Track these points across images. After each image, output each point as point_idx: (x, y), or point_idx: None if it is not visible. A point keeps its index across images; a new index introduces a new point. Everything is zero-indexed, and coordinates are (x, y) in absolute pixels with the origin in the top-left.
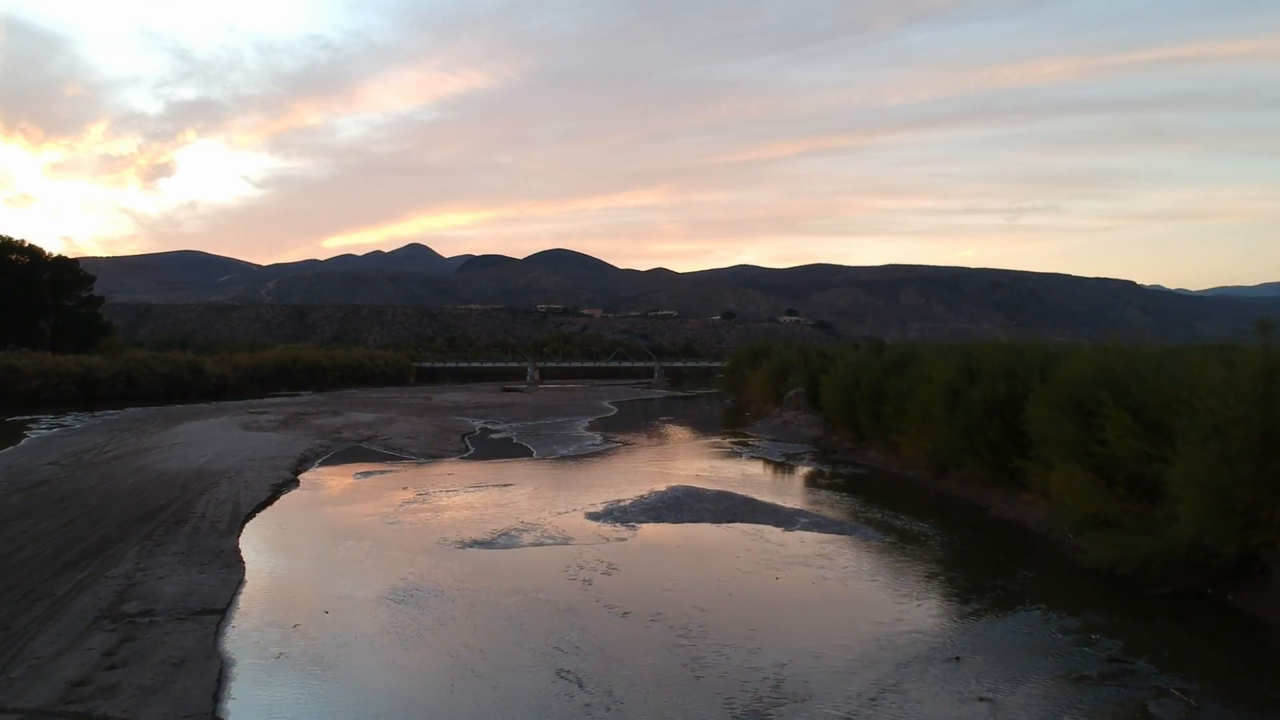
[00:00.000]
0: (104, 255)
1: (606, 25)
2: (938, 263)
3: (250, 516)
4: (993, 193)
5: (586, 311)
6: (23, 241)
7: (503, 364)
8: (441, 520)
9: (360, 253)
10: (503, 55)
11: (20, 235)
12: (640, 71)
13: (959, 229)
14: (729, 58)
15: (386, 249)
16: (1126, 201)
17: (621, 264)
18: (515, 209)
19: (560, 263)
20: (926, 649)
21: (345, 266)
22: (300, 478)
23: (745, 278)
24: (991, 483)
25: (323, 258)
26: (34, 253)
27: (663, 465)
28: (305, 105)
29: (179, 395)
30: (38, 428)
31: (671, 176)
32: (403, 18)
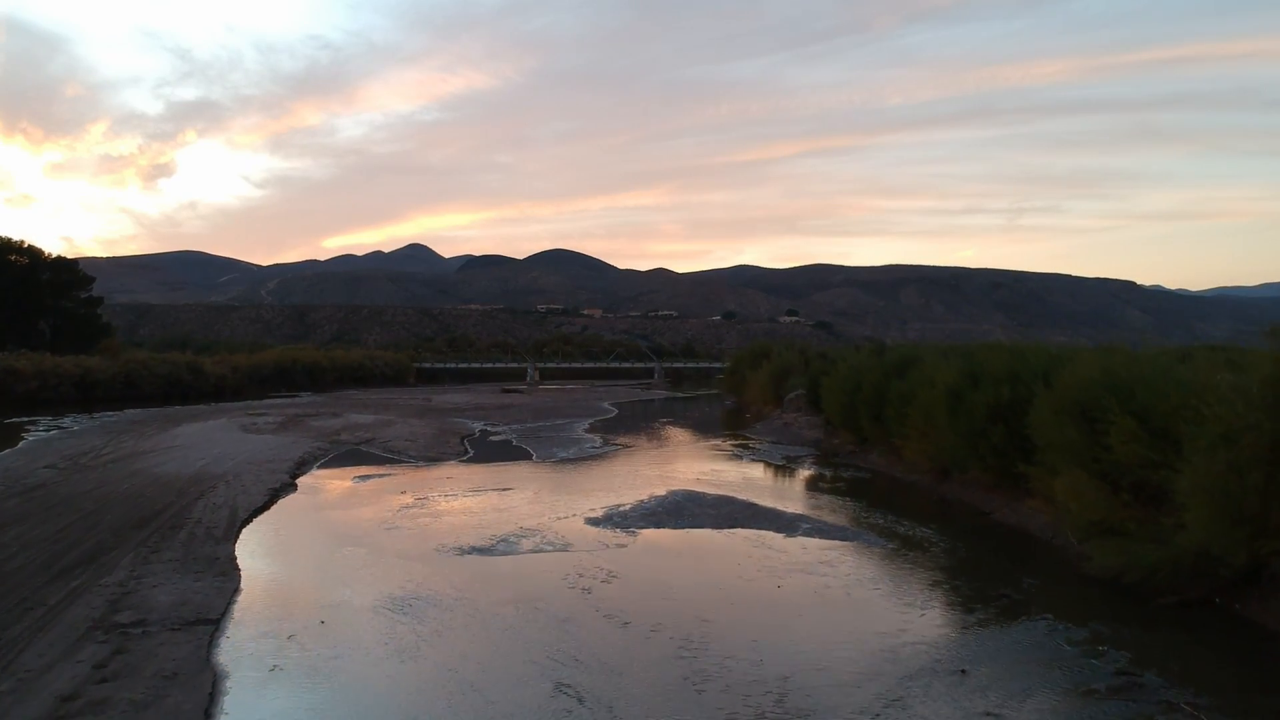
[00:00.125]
0: (104, 255)
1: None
2: (938, 263)
3: (247, 522)
4: (993, 193)
5: (587, 312)
6: (22, 242)
7: (503, 365)
8: (440, 526)
9: (360, 253)
10: (503, 55)
11: (20, 235)
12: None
13: (959, 229)
14: (729, 58)
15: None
16: (1126, 202)
17: (621, 264)
18: (515, 209)
19: (560, 263)
20: (932, 661)
21: (345, 267)
22: (298, 481)
23: (745, 278)
24: (995, 487)
25: (323, 258)
26: (33, 253)
27: (663, 468)
28: (305, 105)
29: (178, 396)
30: (36, 430)
31: (671, 176)
32: (403, 18)
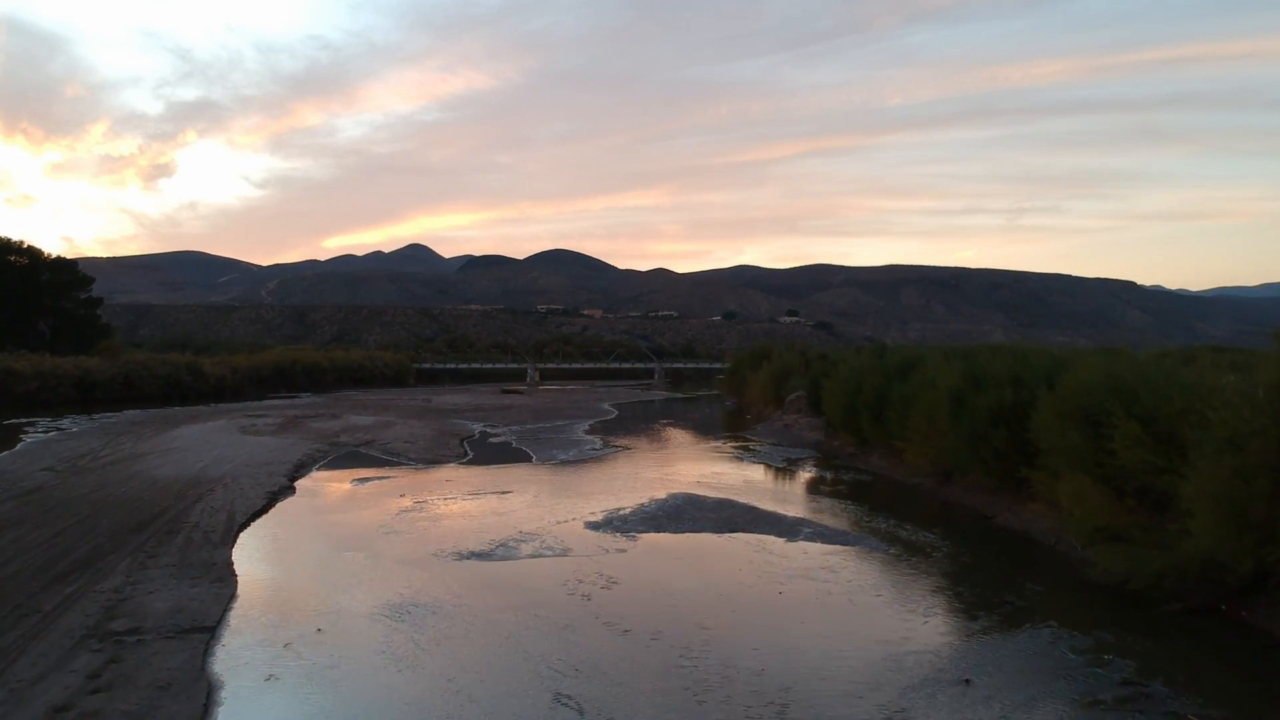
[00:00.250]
0: (104, 255)
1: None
2: (938, 263)
3: (245, 526)
4: (993, 193)
5: (587, 312)
6: (22, 243)
7: (503, 365)
8: (439, 530)
9: (360, 253)
10: (503, 56)
11: (21, 236)
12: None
13: (959, 229)
14: (729, 58)
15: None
16: (1127, 202)
17: (622, 264)
18: (515, 209)
19: (560, 263)
20: (935, 670)
21: (345, 267)
22: (297, 484)
23: (746, 278)
24: (997, 491)
25: (323, 258)
26: (33, 254)
27: (663, 470)
28: (306, 106)
29: (178, 397)
30: (34, 431)
31: (672, 177)
32: (403, 18)
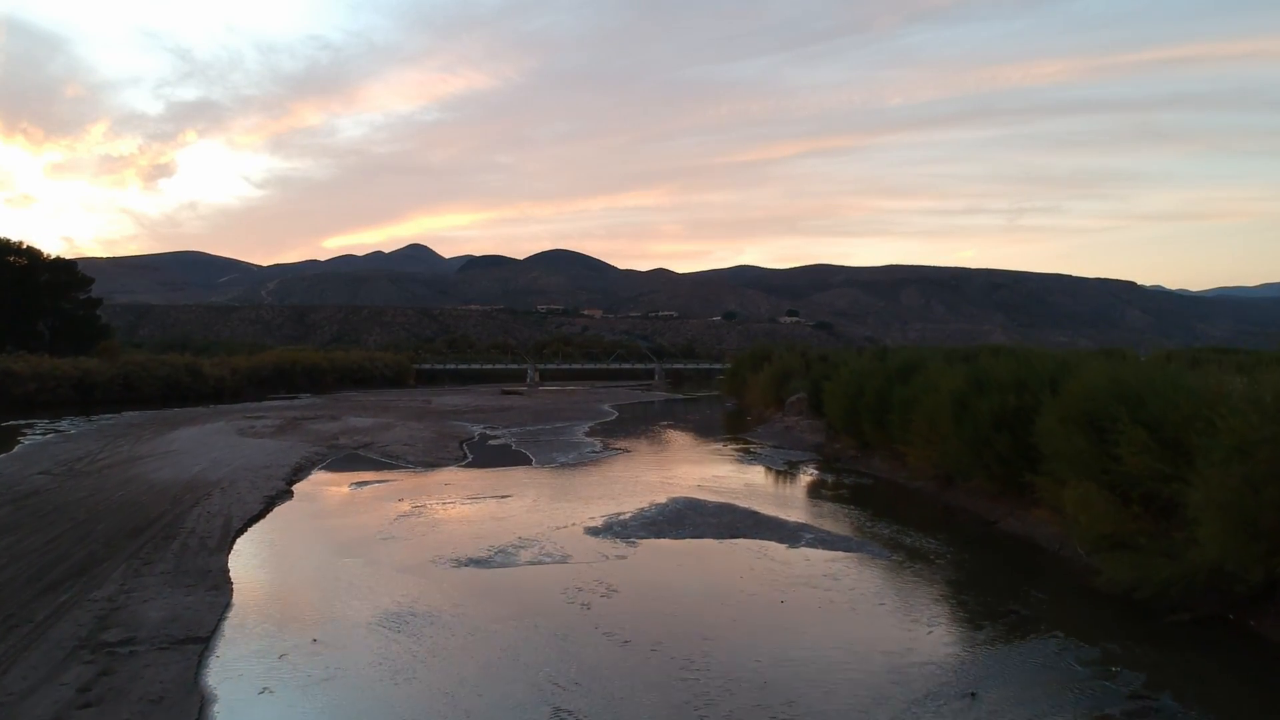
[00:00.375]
0: (104, 256)
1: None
2: (938, 263)
3: (241, 531)
4: (993, 193)
5: (587, 312)
6: (21, 243)
7: (503, 366)
8: (437, 536)
9: (361, 253)
10: (503, 56)
11: (21, 236)
12: (641, 72)
13: (960, 229)
14: (729, 58)
15: (387, 249)
16: (1127, 202)
17: (622, 264)
18: (516, 209)
19: (561, 263)
20: (940, 683)
21: (345, 267)
22: (294, 489)
23: (746, 278)
24: (1000, 495)
25: (323, 258)
26: (32, 254)
27: (664, 473)
28: (306, 106)
29: (177, 398)
30: (32, 433)
31: (672, 177)
32: (403, 18)
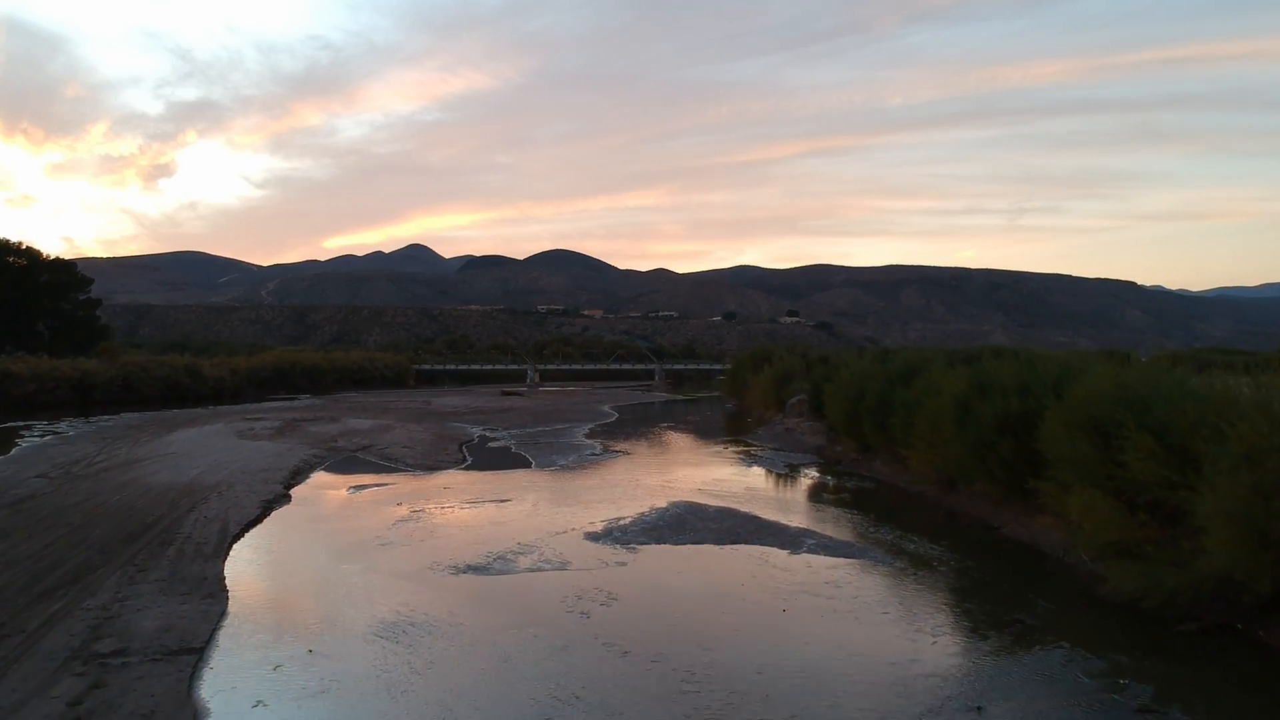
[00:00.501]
0: (105, 256)
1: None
2: (939, 263)
3: (238, 537)
4: (993, 193)
5: (587, 312)
6: (20, 244)
7: (503, 367)
8: (436, 541)
9: (361, 253)
10: (503, 56)
11: (21, 236)
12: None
13: (960, 229)
14: (729, 58)
15: (387, 249)
16: (1127, 202)
17: (622, 264)
18: (516, 209)
19: (561, 263)
20: (946, 696)
21: (346, 267)
22: (293, 492)
23: (746, 278)
24: (1003, 500)
25: (323, 258)
26: (31, 255)
27: (664, 477)
28: (306, 106)
29: (176, 399)
30: (30, 435)
31: (672, 177)
32: (403, 18)
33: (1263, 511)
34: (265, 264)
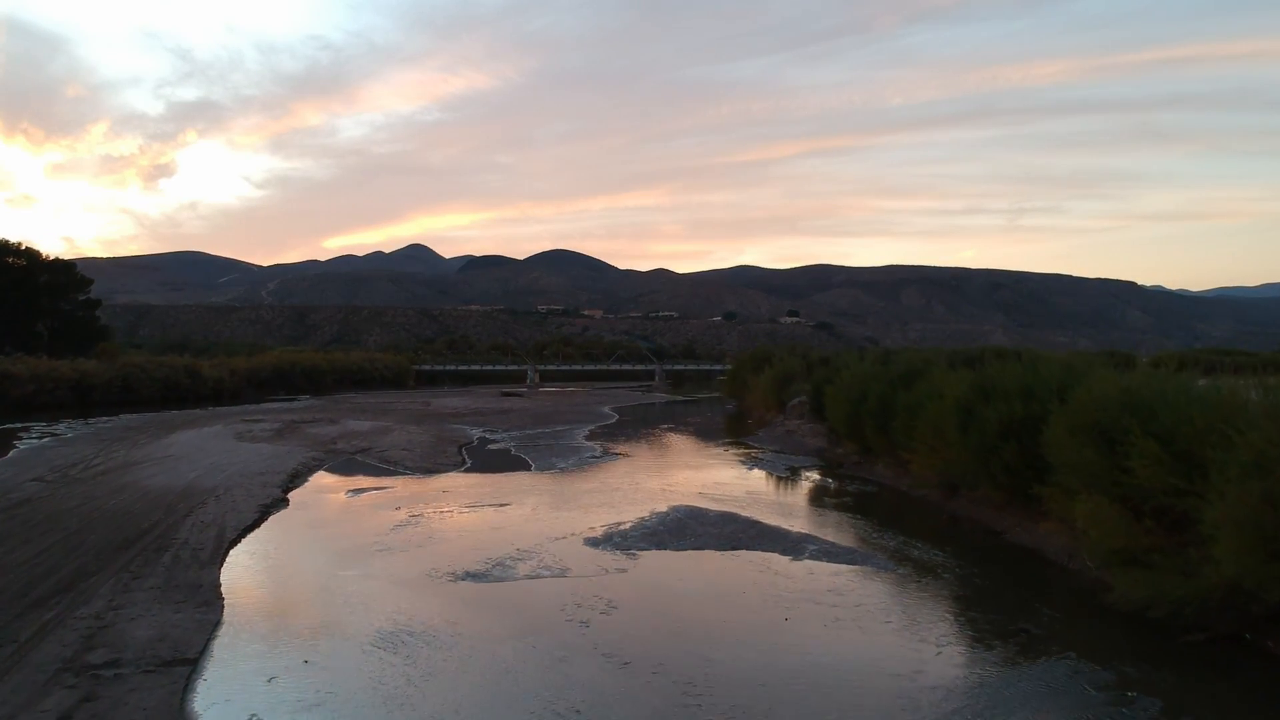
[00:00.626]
0: (105, 256)
1: (607, 26)
2: (939, 263)
3: (235, 542)
4: (993, 193)
5: (587, 312)
6: (20, 244)
7: (503, 367)
8: (434, 547)
9: (361, 253)
10: (504, 56)
11: (21, 236)
12: (641, 72)
13: (960, 229)
14: (730, 58)
15: (387, 249)
16: (1127, 202)
17: (622, 265)
18: (516, 209)
19: (561, 263)
20: (951, 709)
21: (346, 267)
22: (290, 496)
23: (746, 278)
24: (1006, 505)
25: (323, 258)
26: (31, 255)
27: (664, 480)
28: (306, 106)
29: (176, 400)
30: (28, 437)
31: (672, 177)
32: (404, 18)
33: (1272, 520)
34: (265, 264)
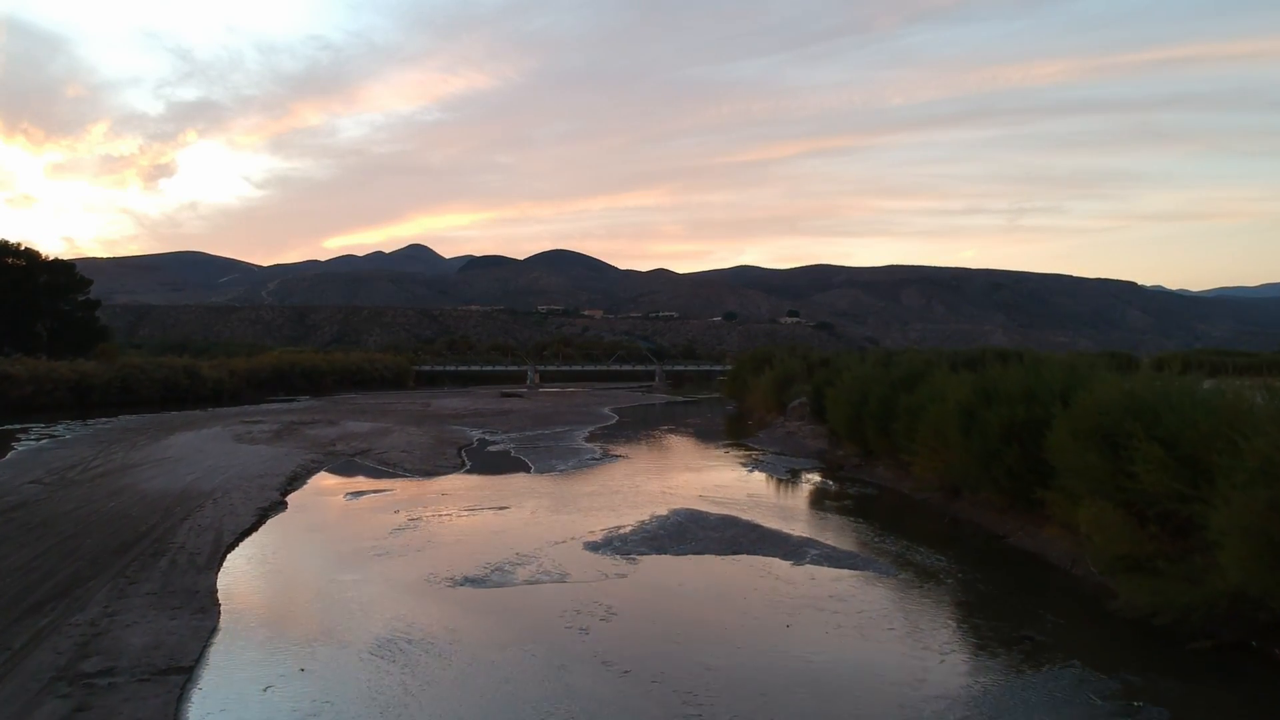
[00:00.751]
0: (105, 256)
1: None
2: (939, 263)
3: (233, 546)
4: (993, 193)
5: (587, 312)
6: (19, 244)
7: (503, 368)
8: (433, 551)
9: (361, 253)
10: (504, 56)
11: (21, 236)
12: (641, 72)
13: (960, 230)
14: (730, 58)
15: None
16: (1127, 202)
17: (622, 265)
18: (516, 209)
19: (561, 263)
20: (955, 719)
21: (346, 267)
22: (289, 499)
23: (746, 278)
24: (1009, 509)
25: (323, 258)
26: (30, 255)
27: (664, 482)
28: (306, 106)
29: (175, 401)
30: (26, 438)
31: (672, 177)
32: (404, 18)
33: (1279, 527)
34: (265, 264)
